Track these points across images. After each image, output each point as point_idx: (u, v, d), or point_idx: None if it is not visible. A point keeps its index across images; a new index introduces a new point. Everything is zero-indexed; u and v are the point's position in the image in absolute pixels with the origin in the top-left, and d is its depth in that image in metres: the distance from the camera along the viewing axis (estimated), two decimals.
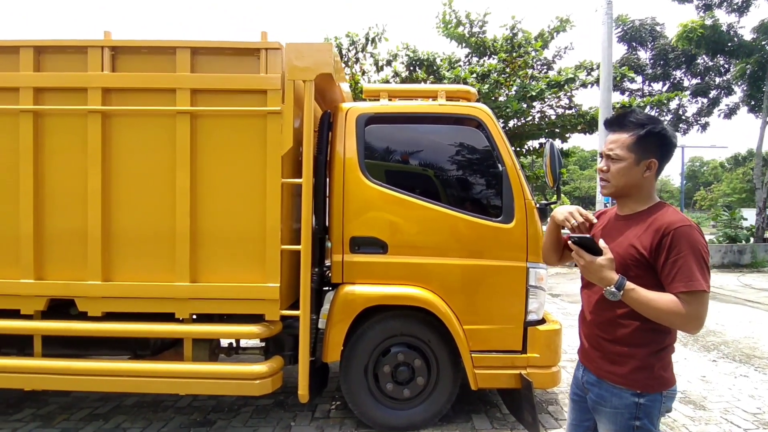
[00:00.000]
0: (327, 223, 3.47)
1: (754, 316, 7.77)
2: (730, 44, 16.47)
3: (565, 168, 13.26)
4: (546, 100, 11.63)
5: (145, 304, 3.16)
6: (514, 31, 12.14)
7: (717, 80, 20.20)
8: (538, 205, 3.41)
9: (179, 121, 3.10)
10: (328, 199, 3.46)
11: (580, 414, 1.87)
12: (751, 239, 16.49)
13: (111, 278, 3.15)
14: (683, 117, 21.07)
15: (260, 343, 3.58)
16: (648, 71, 20.49)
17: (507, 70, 11.58)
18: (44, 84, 3.13)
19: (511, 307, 3.31)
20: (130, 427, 3.55)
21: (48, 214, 3.15)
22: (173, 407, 3.90)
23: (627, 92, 20.45)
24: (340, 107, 3.51)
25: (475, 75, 11.20)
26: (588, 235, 1.58)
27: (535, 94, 10.95)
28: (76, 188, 3.12)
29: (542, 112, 12.21)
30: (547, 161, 3.24)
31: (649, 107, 12.66)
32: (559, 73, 11.60)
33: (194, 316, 3.29)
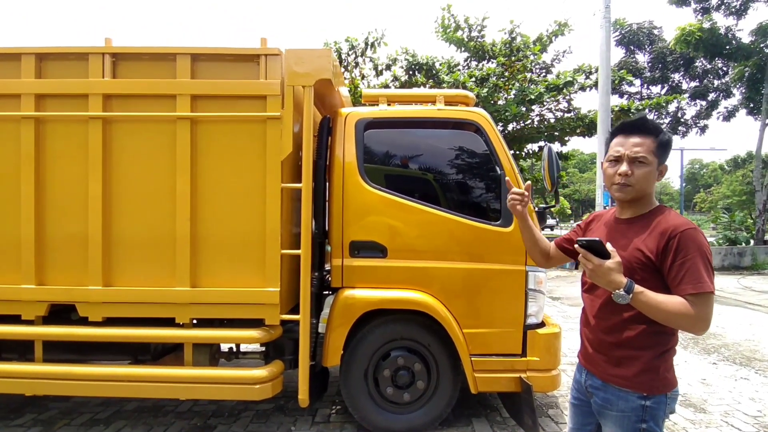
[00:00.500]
0: (327, 228, 3.49)
1: (755, 318, 7.77)
2: (728, 47, 16.52)
3: (564, 171, 13.29)
4: (545, 103, 11.67)
5: (146, 309, 3.17)
6: (513, 35, 12.20)
7: (715, 83, 20.26)
8: (537, 209, 3.42)
9: (179, 127, 3.12)
10: (327, 203, 3.48)
11: (582, 418, 1.87)
12: (751, 241, 16.49)
13: (111, 283, 3.16)
14: (682, 120, 21.11)
15: (260, 347, 3.59)
16: (646, 74, 20.55)
17: (506, 74, 11.62)
18: (45, 90, 3.15)
19: (510, 310, 3.31)
20: None
21: (49, 220, 3.17)
22: (174, 412, 3.90)
23: (626, 95, 20.51)
24: (339, 112, 3.53)
25: (474, 79, 11.25)
26: (596, 238, 1.58)
27: (534, 97, 10.99)
28: (77, 194, 3.14)
29: (541, 116, 12.25)
30: (545, 165, 3.26)
31: (648, 110, 12.70)
32: (558, 76, 11.64)
33: (194, 321, 3.30)
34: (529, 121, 12.06)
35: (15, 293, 3.15)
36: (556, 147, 12.99)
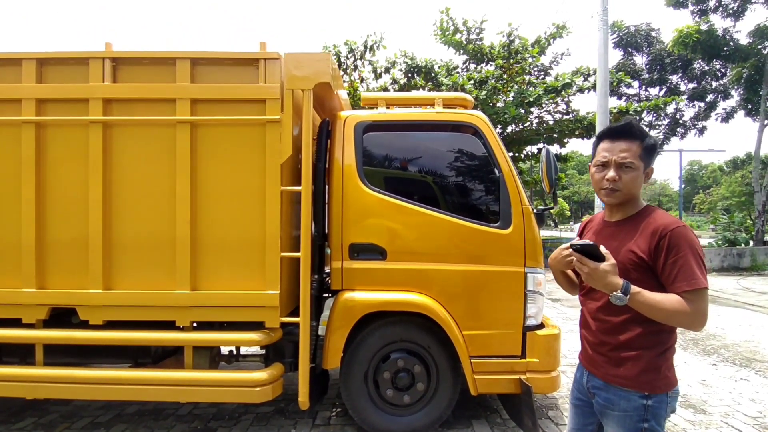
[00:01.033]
0: (326, 230, 3.50)
1: (755, 319, 7.77)
2: (726, 49, 16.58)
3: (563, 173, 13.30)
4: (543, 105, 11.72)
5: (146, 312, 3.17)
6: (511, 38, 12.25)
7: (714, 84, 20.29)
8: (535, 211, 3.44)
9: (179, 131, 3.14)
10: (327, 206, 3.49)
11: (582, 419, 1.89)
12: (751, 242, 16.51)
13: (112, 287, 3.17)
14: (680, 121, 21.13)
15: (260, 350, 3.60)
16: (644, 76, 20.57)
17: (504, 77, 11.67)
18: (46, 95, 3.17)
19: (509, 312, 3.32)
20: None
21: (49, 224, 3.18)
22: (174, 415, 3.90)
23: (624, 97, 20.54)
24: (338, 115, 3.54)
25: (473, 81, 11.29)
26: (590, 242, 1.60)
27: (532, 99, 11.03)
28: (78, 198, 3.15)
29: (540, 118, 12.30)
30: (543, 167, 3.27)
31: (646, 112, 12.74)
32: (557, 78, 11.69)
33: (195, 324, 3.30)
34: (528, 123, 12.11)
35: (16, 297, 3.16)
36: (555, 149, 13.04)
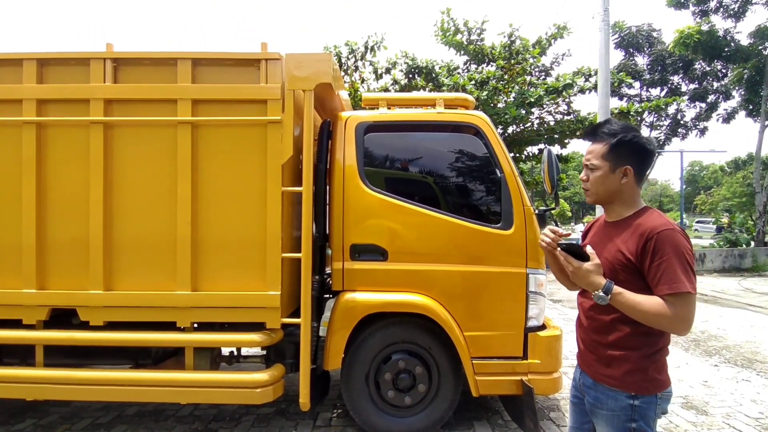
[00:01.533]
0: (327, 231, 3.49)
1: (756, 320, 7.75)
2: (727, 49, 16.55)
3: (564, 173, 13.30)
4: (544, 106, 11.69)
5: (147, 313, 3.17)
6: (512, 39, 12.23)
7: (715, 85, 20.24)
8: (537, 211, 3.43)
9: (180, 131, 3.13)
10: (328, 206, 3.49)
11: (581, 416, 1.90)
12: (752, 243, 16.49)
13: (112, 287, 3.17)
14: (682, 122, 21.09)
15: (261, 351, 3.59)
16: (646, 77, 20.52)
17: (505, 77, 11.65)
18: (47, 96, 3.17)
19: (511, 313, 3.31)
20: None
21: (50, 224, 3.17)
22: (174, 416, 3.89)
23: (625, 98, 20.50)
24: (339, 116, 3.54)
25: (473, 82, 11.27)
26: (574, 242, 1.64)
27: (533, 100, 11.01)
28: (78, 198, 3.15)
29: (541, 118, 12.27)
30: (544, 167, 3.26)
31: (647, 112, 12.72)
32: (558, 79, 11.67)
33: (195, 325, 3.30)
34: (529, 123, 12.08)
35: (16, 298, 3.16)
36: (556, 149, 13.01)
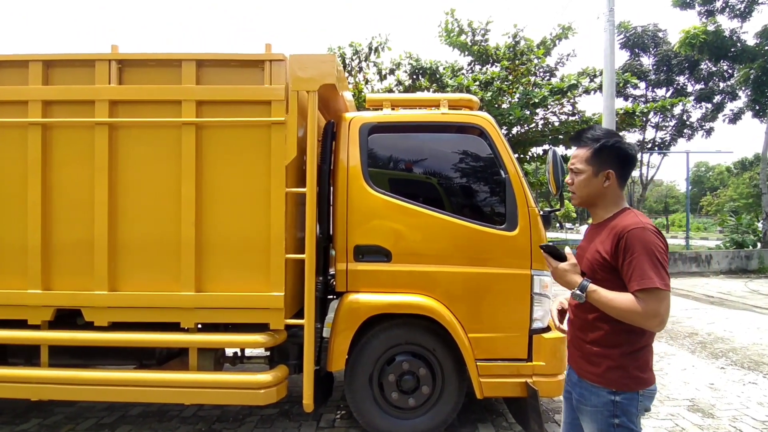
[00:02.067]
0: (331, 232, 3.49)
1: (763, 322, 7.69)
2: (733, 50, 16.43)
3: (568, 174, 13.21)
4: (549, 106, 11.66)
5: (151, 313, 3.18)
6: (517, 39, 12.21)
7: (721, 85, 20.13)
8: (541, 213, 3.41)
9: (185, 133, 3.14)
10: (331, 208, 3.48)
11: (572, 412, 1.94)
12: (759, 244, 16.36)
13: (117, 288, 3.18)
14: (688, 122, 20.99)
15: (265, 352, 3.59)
16: (651, 77, 20.44)
17: (510, 78, 11.63)
18: (52, 97, 3.18)
19: (515, 315, 3.30)
20: None
21: (55, 225, 3.19)
22: (178, 417, 3.90)
23: (630, 98, 20.43)
24: (343, 117, 3.54)
25: (478, 83, 11.25)
26: (551, 243, 1.84)
27: (538, 101, 10.98)
28: (84, 199, 3.16)
29: (545, 119, 12.24)
30: (549, 168, 3.24)
31: (653, 113, 12.65)
32: (562, 80, 11.64)
33: (199, 326, 3.31)
34: (534, 124, 12.05)
35: (21, 298, 3.18)
36: (561, 150, 12.95)
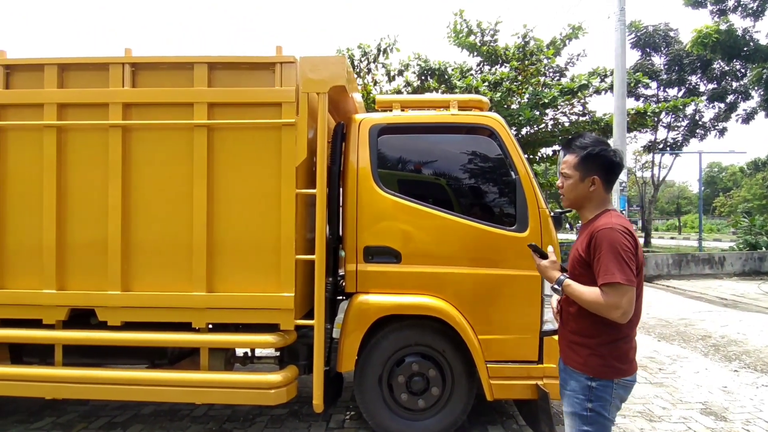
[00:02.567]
0: (341, 233, 3.50)
1: None
2: (745, 49, 16.20)
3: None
4: (559, 107, 11.60)
5: (163, 313, 3.21)
6: (526, 39, 12.16)
7: (734, 85, 19.86)
8: (552, 214, 3.39)
9: (197, 134, 3.17)
10: (341, 209, 3.49)
11: None
12: None
13: (130, 288, 3.21)
14: (700, 122, 20.74)
15: (275, 352, 3.61)
16: (663, 77, 20.23)
17: (519, 78, 11.58)
18: (67, 100, 3.23)
19: (526, 316, 3.28)
20: None
21: (70, 226, 3.23)
22: (189, 416, 3.93)
23: (642, 98, 20.23)
24: (353, 118, 3.55)
25: (487, 83, 11.22)
26: (533, 243, 2.21)
27: (547, 101, 10.92)
28: (97, 200, 3.21)
29: (555, 120, 12.17)
30: (559, 169, 3.23)
31: (664, 113, 12.52)
32: (572, 80, 11.56)
33: (210, 326, 3.33)
34: (543, 125, 11.99)
35: (36, 298, 3.22)
36: None
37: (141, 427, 3.72)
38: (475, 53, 12.62)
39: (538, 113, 11.27)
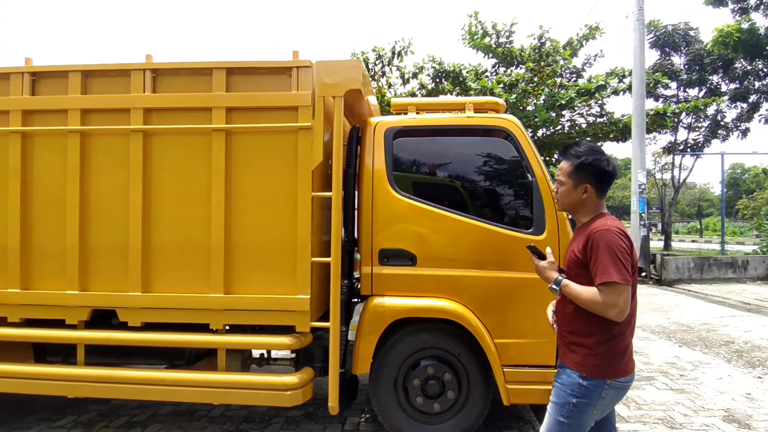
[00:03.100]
0: (356, 236, 3.51)
1: None
2: None
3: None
4: (576, 108, 11.48)
5: (182, 314, 3.26)
6: (542, 40, 12.07)
7: (757, 84, 19.38)
8: (569, 217, 3.35)
9: (215, 139, 3.22)
10: (357, 211, 3.51)
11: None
12: None
13: (150, 290, 3.27)
14: (722, 123, 20.26)
15: (291, 354, 3.64)
16: (683, 77, 19.83)
17: (535, 80, 11.50)
18: (90, 105, 3.31)
19: (543, 320, 3.21)
20: None
21: (92, 229, 3.31)
22: (207, 416, 3.98)
23: (661, 99, 19.88)
24: (368, 121, 3.56)
25: (502, 85, 11.17)
26: (532, 244, 2.26)
27: (564, 102, 10.82)
28: (119, 204, 3.28)
29: (572, 121, 12.05)
30: None
31: (685, 113, 12.30)
32: (590, 80, 11.43)
33: (227, 327, 3.37)
34: (560, 126, 11.87)
35: (60, 299, 3.30)
36: None
37: (159, 427, 3.78)
38: (491, 55, 12.57)
39: (554, 115, 11.18)
